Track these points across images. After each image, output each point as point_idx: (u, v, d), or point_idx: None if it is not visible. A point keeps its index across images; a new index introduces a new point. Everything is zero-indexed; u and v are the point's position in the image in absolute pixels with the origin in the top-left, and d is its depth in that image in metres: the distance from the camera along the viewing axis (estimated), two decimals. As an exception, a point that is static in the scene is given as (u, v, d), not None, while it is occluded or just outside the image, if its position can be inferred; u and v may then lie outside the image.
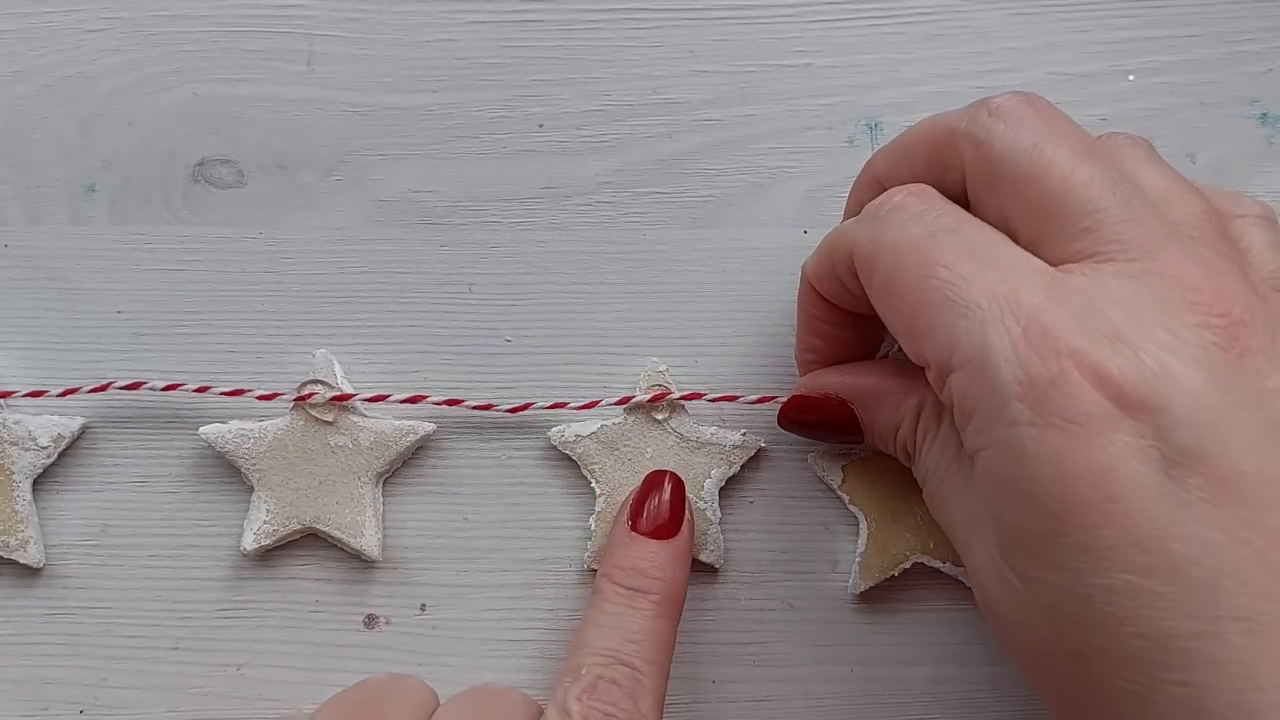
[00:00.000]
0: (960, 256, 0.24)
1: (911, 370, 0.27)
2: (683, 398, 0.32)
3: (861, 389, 0.29)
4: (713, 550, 0.31)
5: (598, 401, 0.32)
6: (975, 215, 0.26)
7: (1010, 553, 0.23)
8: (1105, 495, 0.21)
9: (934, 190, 0.26)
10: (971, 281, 0.23)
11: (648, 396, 0.32)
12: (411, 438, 0.31)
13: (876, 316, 0.26)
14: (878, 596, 0.32)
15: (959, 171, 0.26)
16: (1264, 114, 0.34)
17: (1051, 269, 0.23)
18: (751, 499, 0.32)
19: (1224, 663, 0.21)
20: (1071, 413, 0.22)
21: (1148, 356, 0.22)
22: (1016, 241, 0.25)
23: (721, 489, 0.32)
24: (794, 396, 0.30)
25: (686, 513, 0.30)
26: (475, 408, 0.32)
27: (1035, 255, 0.24)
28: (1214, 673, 0.21)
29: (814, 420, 0.30)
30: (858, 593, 0.31)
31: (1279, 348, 0.22)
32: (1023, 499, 0.22)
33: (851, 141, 0.34)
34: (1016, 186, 0.24)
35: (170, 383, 0.31)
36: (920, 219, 0.25)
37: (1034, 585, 0.23)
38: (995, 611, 0.25)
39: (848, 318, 0.29)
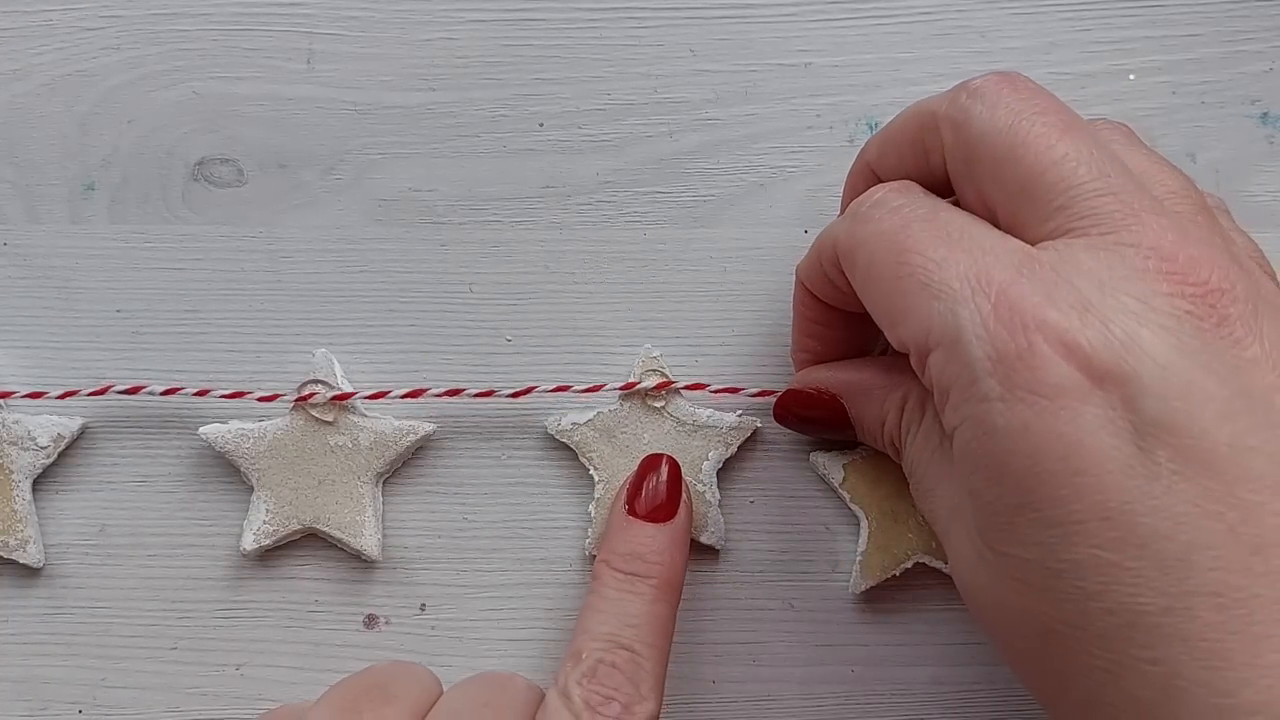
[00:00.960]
0: (934, 242, 0.24)
1: (900, 366, 0.28)
2: (686, 387, 0.32)
3: (850, 383, 0.30)
4: (713, 532, 0.32)
5: (602, 385, 0.32)
6: (959, 198, 0.26)
7: (985, 530, 0.24)
8: (1074, 468, 0.21)
9: (915, 185, 0.27)
10: (944, 265, 0.24)
11: (652, 384, 0.32)
12: (411, 438, 0.31)
13: (868, 316, 0.27)
14: (878, 596, 0.32)
15: (940, 155, 0.26)
16: (1265, 113, 0.34)
17: (1027, 247, 0.24)
18: (751, 499, 0.32)
19: (1195, 639, 0.21)
20: (1039, 385, 0.22)
21: (1117, 327, 0.22)
22: (996, 224, 0.25)
23: (722, 488, 0.32)
24: (788, 390, 0.31)
25: (683, 494, 0.30)
26: (476, 395, 0.32)
27: (1015, 236, 0.24)
28: (1185, 649, 0.21)
29: (808, 414, 0.31)
30: (858, 592, 0.31)
31: (1260, 318, 0.22)
32: (995, 474, 0.23)
33: (852, 141, 0.34)
34: (993, 168, 0.25)
35: (170, 386, 0.31)
36: (897, 212, 0.26)
37: (1007, 561, 0.23)
38: (972, 594, 0.25)
39: (840, 317, 0.30)
